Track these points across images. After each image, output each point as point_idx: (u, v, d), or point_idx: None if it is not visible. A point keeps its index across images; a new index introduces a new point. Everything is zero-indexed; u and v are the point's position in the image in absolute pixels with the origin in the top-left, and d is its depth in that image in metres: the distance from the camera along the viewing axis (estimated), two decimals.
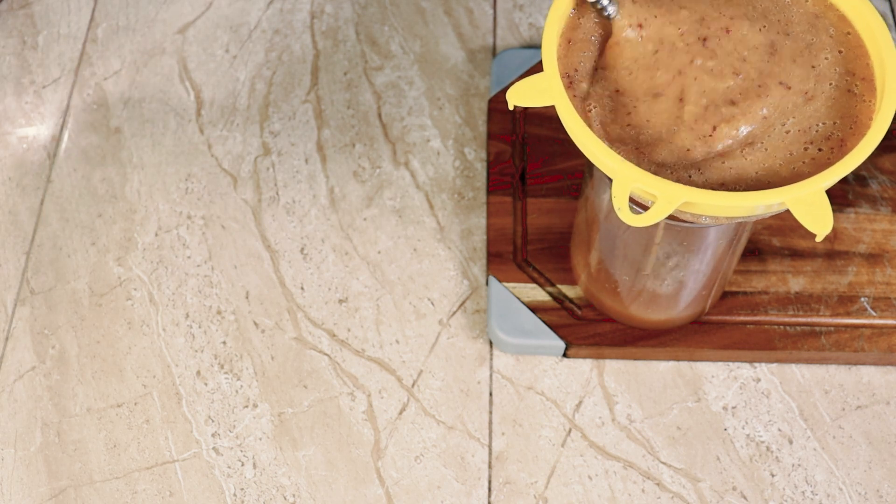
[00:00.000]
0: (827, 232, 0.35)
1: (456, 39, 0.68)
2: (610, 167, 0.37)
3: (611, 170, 0.37)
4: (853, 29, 0.40)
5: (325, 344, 0.56)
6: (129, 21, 0.70)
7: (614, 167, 0.37)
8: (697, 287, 0.50)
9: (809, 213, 0.35)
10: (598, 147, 0.37)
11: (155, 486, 0.52)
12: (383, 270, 0.59)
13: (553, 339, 0.54)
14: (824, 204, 0.35)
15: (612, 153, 0.37)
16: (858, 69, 0.39)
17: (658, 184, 0.36)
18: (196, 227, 0.60)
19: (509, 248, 0.57)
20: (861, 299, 0.55)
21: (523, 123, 0.62)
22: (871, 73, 0.39)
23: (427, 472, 0.52)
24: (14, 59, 0.68)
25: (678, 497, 0.51)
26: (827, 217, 0.35)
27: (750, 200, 0.36)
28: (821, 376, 0.55)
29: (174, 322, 0.57)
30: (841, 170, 0.36)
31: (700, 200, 0.36)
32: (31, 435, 0.54)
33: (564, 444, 0.53)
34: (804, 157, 0.38)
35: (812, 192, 0.36)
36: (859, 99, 0.38)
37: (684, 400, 0.54)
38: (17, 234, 0.60)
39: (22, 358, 0.56)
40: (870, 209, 0.58)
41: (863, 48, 0.39)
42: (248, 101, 0.65)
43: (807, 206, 0.35)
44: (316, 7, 0.70)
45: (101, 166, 0.63)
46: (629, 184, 0.36)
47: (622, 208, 0.36)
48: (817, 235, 0.35)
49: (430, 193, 0.61)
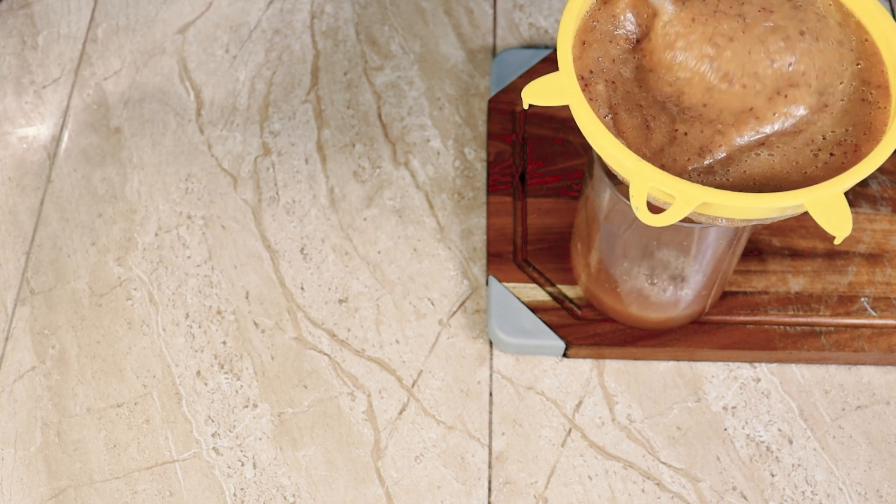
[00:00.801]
0: (846, 235, 0.35)
1: (456, 39, 0.68)
2: (628, 168, 0.37)
3: (628, 170, 0.37)
4: (870, 36, 0.40)
5: (325, 344, 0.56)
6: (129, 21, 0.70)
7: (632, 167, 0.37)
8: (697, 287, 0.50)
9: (828, 215, 0.35)
10: (616, 147, 0.37)
11: (155, 486, 0.52)
12: (383, 270, 0.59)
13: (553, 339, 0.54)
14: (843, 206, 0.35)
15: (629, 153, 0.37)
16: (874, 77, 0.39)
17: (676, 184, 0.36)
18: (196, 227, 0.60)
19: (509, 248, 0.57)
20: (861, 299, 0.55)
21: (523, 123, 0.62)
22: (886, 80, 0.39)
23: (427, 472, 0.52)
24: (14, 59, 0.68)
25: (678, 497, 0.51)
26: (846, 219, 0.35)
27: (768, 202, 0.36)
28: (821, 376, 0.55)
29: (174, 322, 0.57)
30: (859, 173, 0.36)
31: (718, 201, 0.36)
32: (31, 435, 0.54)
33: (564, 444, 0.53)
34: (816, 163, 0.38)
35: (831, 195, 0.36)
36: (874, 106, 0.39)
37: (684, 400, 0.54)
38: (17, 234, 0.60)
39: (22, 358, 0.56)
40: (870, 209, 0.58)
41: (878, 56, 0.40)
42: (248, 101, 0.65)
43: (826, 209, 0.35)
44: (316, 7, 0.70)
45: (101, 166, 0.63)
46: (647, 184, 0.36)
47: (640, 208, 0.36)
48: (836, 238, 0.35)
49: (430, 193, 0.61)
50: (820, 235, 0.57)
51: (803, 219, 0.58)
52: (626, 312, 0.53)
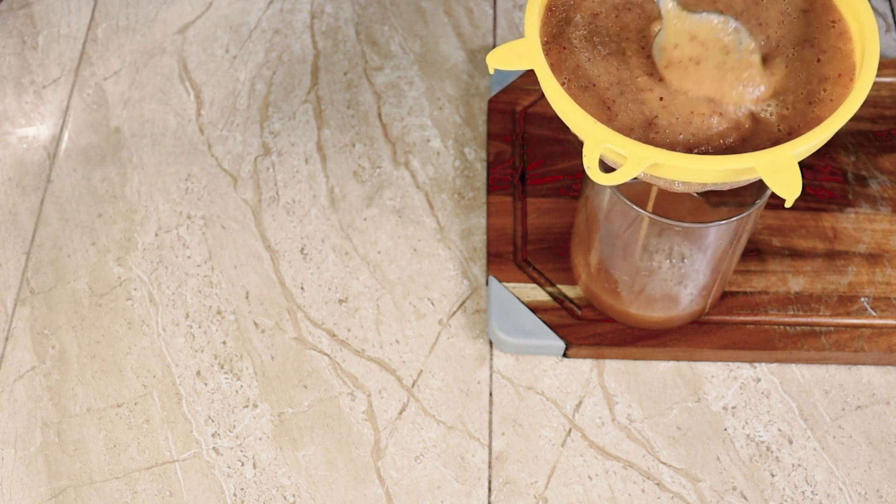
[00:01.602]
0: (796, 196, 0.36)
1: (456, 39, 0.68)
2: (582, 127, 0.38)
3: (582, 130, 0.38)
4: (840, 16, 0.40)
5: (325, 344, 0.56)
6: (129, 21, 0.70)
7: (586, 127, 0.37)
8: (697, 287, 0.50)
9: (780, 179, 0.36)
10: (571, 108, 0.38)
11: (155, 486, 0.52)
12: (383, 270, 0.59)
13: (553, 339, 0.54)
14: (794, 170, 0.36)
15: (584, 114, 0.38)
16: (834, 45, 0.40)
17: (627, 144, 0.37)
18: (196, 227, 0.60)
19: (509, 248, 0.57)
20: (861, 299, 0.55)
21: (523, 123, 0.62)
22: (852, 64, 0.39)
23: (427, 472, 0.52)
24: (14, 59, 0.68)
25: (678, 497, 0.51)
26: (796, 182, 0.36)
27: (718, 164, 0.36)
28: (821, 376, 0.55)
29: (174, 322, 0.57)
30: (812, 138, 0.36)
31: (668, 162, 0.36)
32: (31, 435, 0.54)
33: (564, 444, 0.53)
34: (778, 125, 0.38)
35: (782, 158, 0.36)
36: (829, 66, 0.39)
37: (684, 400, 0.54)
38: (17, 234, 0.60)
39: (22, 358, 0.56)
40: (870, 209, 0.58)
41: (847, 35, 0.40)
42: (248, 101, 0.65)
43: (777, 173, 0.36)
44: (316, 7, 0.70)
45: (101, 166, 0.63)
46: (599, 144, 0.37)
47: (591, 167, 0.37)
48: (787, 201, 0.36)
49: (430, 193, 0.61)
50: (820, 235, 0.57)
51: (803, 219, 0.58)
52: (626, 312, 0.53)
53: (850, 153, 0.60)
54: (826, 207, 0.58)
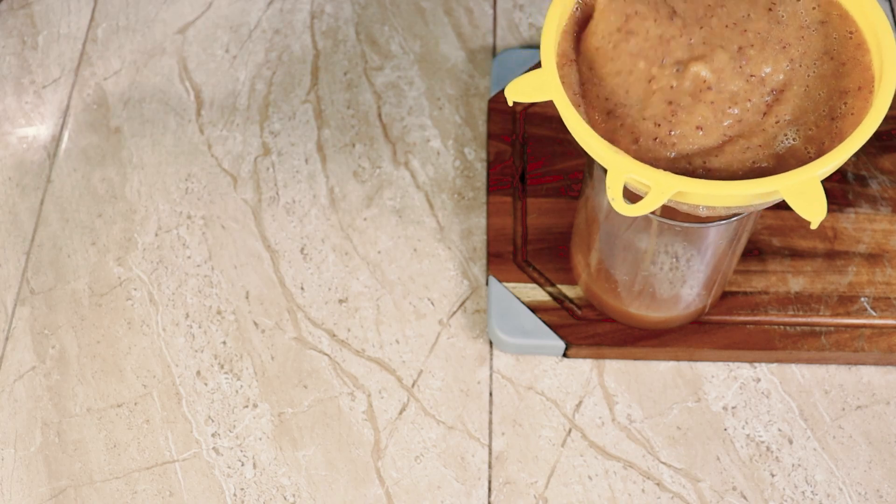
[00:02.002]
0: (821, 219, 0.35)
1: (456, 39, 0.68)
2: (605, 158, 0.37)
3: (605, 160, 0.37)
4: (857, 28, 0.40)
5: (325, 344, 0.56)
6: (129, 21, 0.70)
7: (608, 158, 0.37)
8: (697, 287, 0.50)
9: (804, 201, 0.36)
10: (593, 138, 0.38)
11: (155, 486, 0.52)
12: (383, 270, 0.59)
13: (553, 339, 0.54)
14: (818, 192, 0.36)
15: (606, 144, 0.37)
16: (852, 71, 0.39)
17: (651, 174, 0.36)
18: (196, 227, 0.60)
19: (509, 248, 0.57)
20: (861, 299, 0.55)
21: (523, 123, 0.62)
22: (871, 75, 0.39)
23: (427, 472, 0.52)
24: (14, 59, 0.68)
25: (678, 497, 0.51)
26: (821, 205, 0.36)
27: (743, 189, 0.36)
28: (821, 376, 0.55)
29: (174, 322, 0.57)
30: (835, 158, 0.36)
31: (693, 190, 0.36)
32: (31, 435, 0.54)
33: (564, 444, 0.53)
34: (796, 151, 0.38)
35: (806, 180, 0.36)
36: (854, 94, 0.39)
37: (684, 400, 0.54)
38: (17, 234, 0.60)
39: (22, 358, 0.56)
40: (870, 209, 0.58)
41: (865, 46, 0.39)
42: (248, 101, 0.65)
43: (801, 195, 0.36)
44: (316, 7, 0.70)
45: (101, 166, 0.63)
46: (623, 174, 0.37)
47: (616, 198, 0.37)
48: (812, 223, 0.36)
49: (430, 193, 0.61)
50: (820, 235, 0.57)
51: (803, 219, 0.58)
52: (627, 312, 0.53)
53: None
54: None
